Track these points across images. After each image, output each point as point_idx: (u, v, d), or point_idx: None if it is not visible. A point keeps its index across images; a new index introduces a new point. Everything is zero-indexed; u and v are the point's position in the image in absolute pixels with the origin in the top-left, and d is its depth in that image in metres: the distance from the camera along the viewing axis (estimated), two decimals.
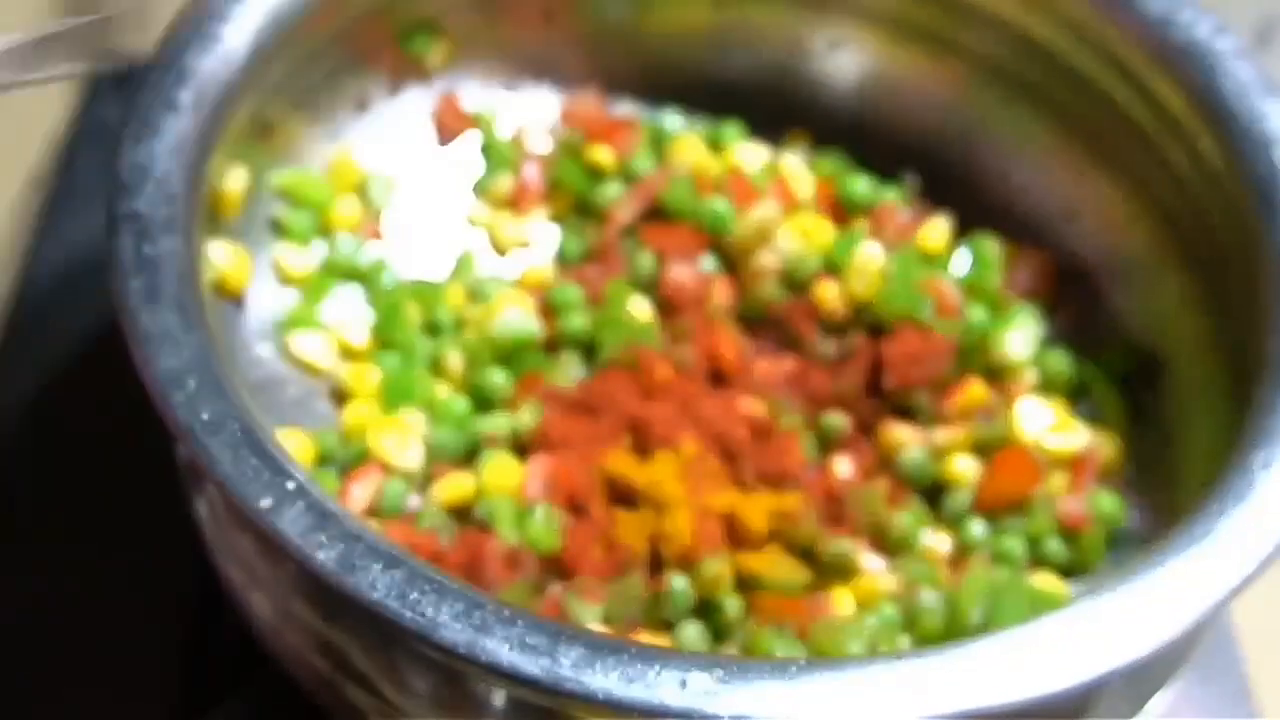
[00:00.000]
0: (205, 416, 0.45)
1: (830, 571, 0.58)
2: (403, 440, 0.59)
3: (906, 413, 0.63)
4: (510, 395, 0.62)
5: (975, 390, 0.62)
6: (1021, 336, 0.64)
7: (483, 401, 0.61)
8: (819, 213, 0.68)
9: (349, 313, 0.64)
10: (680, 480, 0.58)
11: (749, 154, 0.69)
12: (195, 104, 0.53)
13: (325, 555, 0.43)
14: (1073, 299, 0.67)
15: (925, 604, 0.56)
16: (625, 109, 0.72)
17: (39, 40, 0.56)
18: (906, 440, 0.62)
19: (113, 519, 0.63)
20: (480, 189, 0.70)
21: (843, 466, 0.62)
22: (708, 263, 0.66)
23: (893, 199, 0.68)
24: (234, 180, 0.59)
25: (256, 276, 0.61)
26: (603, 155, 0.69)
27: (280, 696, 0.56)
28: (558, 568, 0.56)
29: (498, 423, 0.60)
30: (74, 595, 0.62)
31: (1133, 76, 0.61)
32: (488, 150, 0.70)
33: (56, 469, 0.65)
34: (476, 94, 0.70)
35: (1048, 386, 0.64)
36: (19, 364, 0.68)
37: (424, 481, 0.60)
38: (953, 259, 0.66)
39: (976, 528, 0.60)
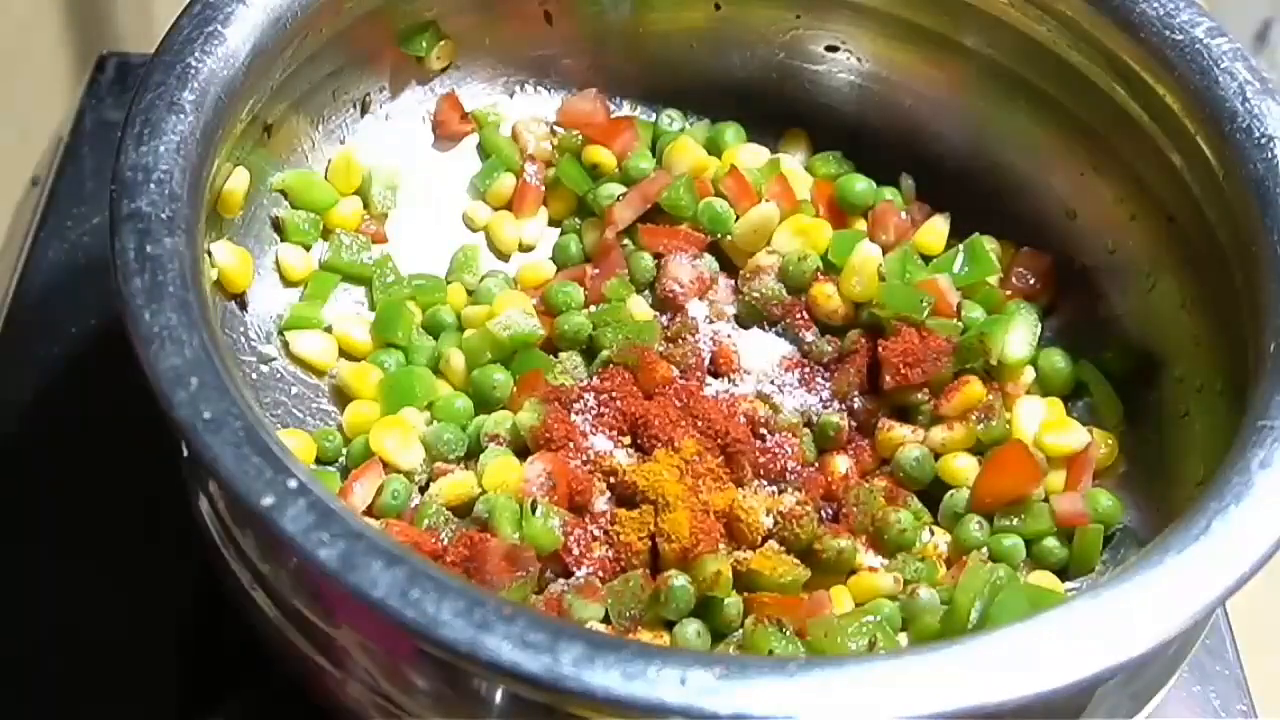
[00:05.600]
0: (207, 415, 0.45)
1: (829, 570, 0.58)
2: (403, 440, 0.59)
3: (905, 412, 0.63)
4: (510, 395, 0.62)
5: (973, 390, 0.62)
6: (1019, 336, 0.64)
7: (483, 401, 0.62)
8: (817, 213, 0.68)
9: (350, 313, 0.65)
10: (680, 480, 0.58)
11: (748, 155, 0.69)
12: (197, 104, 0.53)
13: (326, 553, 0.43)
14: (1071, 299, 0.67)
15: (923, 602, 0.56)
16: (625, 109, 0.72)
17: None
18: (905, 440, 0.62)
19: (113, 518, 0.64)
20: (480, 189, 0.70)
21: (841, 466, 0.62)
22: (706, 263, 0.66)
23: (891, 199, 0.68)
24: (235, 180, 0.59)
25: (258, 276, 0.61)
26: (602, 155, 0.69)
27: (280, 696, 0.56)
28: (558, 566, 0.56)
29: (498, 422, 0.60)
30: (74, 595, 0.62)
31: (1132, 76, 0.61)
32: (488, 150, 0.70)
33: (56, 469, 0.65)
34: (476, 94, 0.71)
35: (1046, 386, 0.64)
36: (19, 364, 0.69)
37: (425, 480, 0.60)
38: (951, 259, 0.66)
39: (974, 527, 0.60)
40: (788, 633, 0.54)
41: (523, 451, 0.60)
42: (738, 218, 0.67)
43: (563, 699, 0.42)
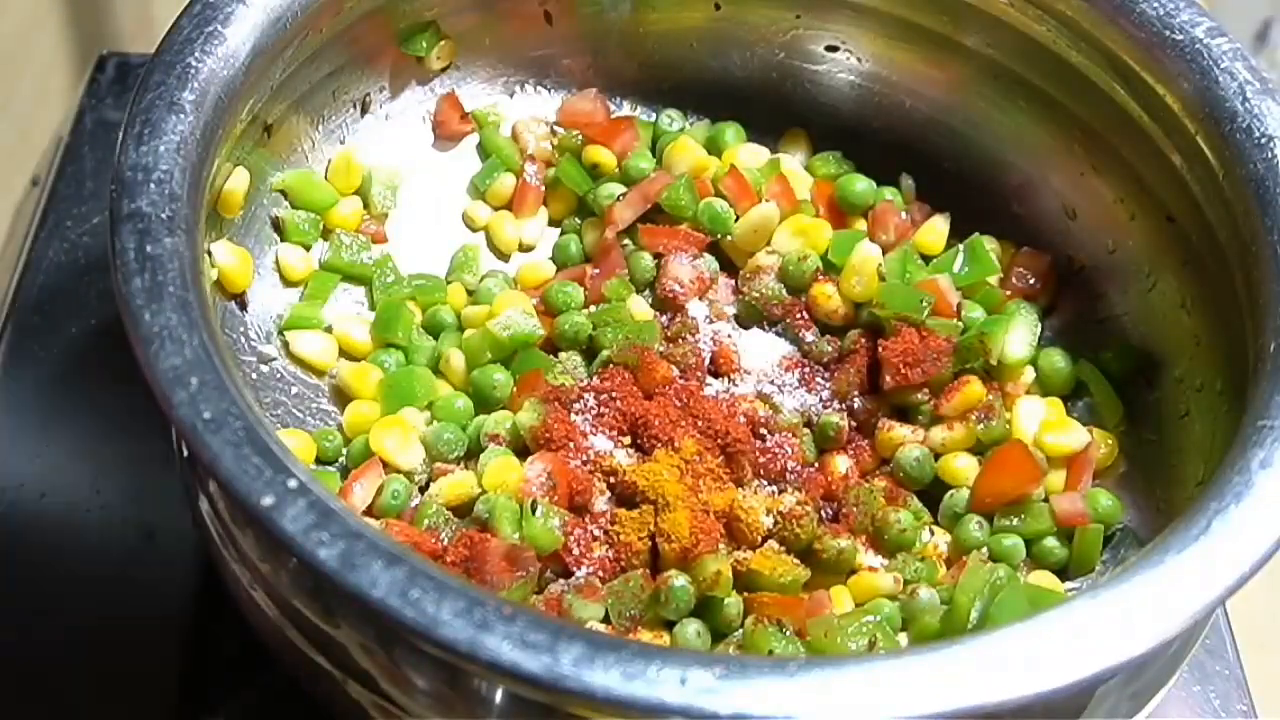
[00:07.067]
0: (207, 415, 0.45)
1: (829, 570, 0.58)
2: (403, 440, 0.59)
3: (905, 412, 0.63)
4: (510, 395, 0.62)
5: (973, 390, 0.62)
6: (1019, 336, 0.64)
7: (483, 401, 0.62)
8: (817, 213, 0.68)
9: (350, 313, 0.65)
10: (680, 480, 0.58)
11: (748, 155, 0.69)
12: (197, 104, 0.53)
13: (326, 553, 0.43)
14: (1071, 299, 0.67)
15: (923, 602, 0.56)
16: (625, 109, 0.73)
17: None
18: (905, 440, 0.62)
19: (113, 518, 0.64)
20: (480, 189, 0.70)
21: (841, 466, 0.62)
22: (706, 263, 0.66)
23: (891, 199, 0.68)
24: (235, 180, 0.59)
25: (258, 276, 0.61)
26: (602, 155, 0.69)
27: (280, 696, 0.56)
28: (558, 566, 0.56)
29: (498, 422, 0.60)
30: (75, 595, 0.62)
31: (1132, 76, 0.61)
32: (488, 150, 0.70)
33: (57, 469, 0.65)
34: (476, 94, 0.71)
35: (1045, 386, 0.64)
36: (19, 364, 0.69)
37: (425, 480, 0.60)
38: (951, 259, 0.66)
39: (974, 527, 0.60)
40: (788, 633, 0.54)
41: (523, 451, 0.60)
42: (738, 218, 0.67)
43: (563, 699, 0.42)
